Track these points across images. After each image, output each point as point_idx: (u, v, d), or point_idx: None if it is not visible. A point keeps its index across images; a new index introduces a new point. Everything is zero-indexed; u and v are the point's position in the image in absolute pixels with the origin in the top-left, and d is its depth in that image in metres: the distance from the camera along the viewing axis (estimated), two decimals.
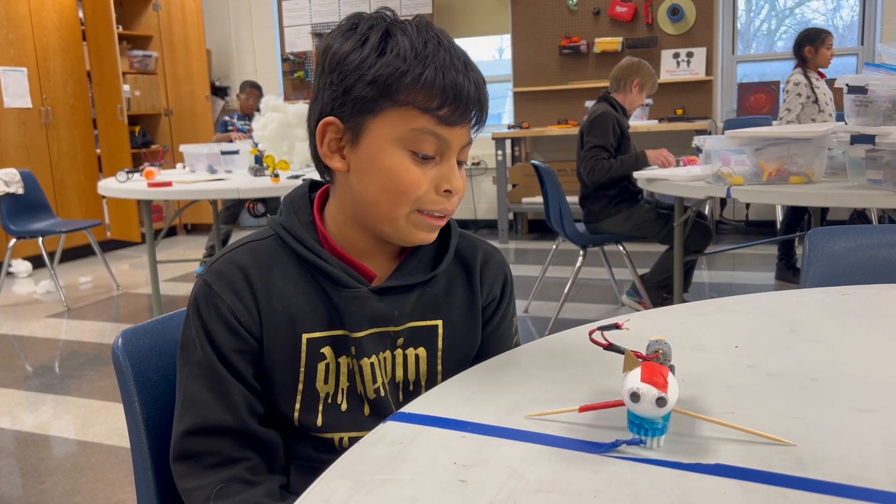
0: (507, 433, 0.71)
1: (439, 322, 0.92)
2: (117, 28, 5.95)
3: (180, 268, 5.37)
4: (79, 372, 3.31)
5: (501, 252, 1.01)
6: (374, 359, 0.89)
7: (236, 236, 6.34)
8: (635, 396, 0.64)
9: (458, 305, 0.94)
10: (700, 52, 5.76)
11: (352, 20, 0.84)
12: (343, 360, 0.88)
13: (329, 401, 0.88)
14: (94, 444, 2.55)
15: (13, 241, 4.55)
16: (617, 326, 0.77)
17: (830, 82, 3.90)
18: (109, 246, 6.07)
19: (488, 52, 6.87)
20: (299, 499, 0.62)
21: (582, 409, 0.72)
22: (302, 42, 6.87)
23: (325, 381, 0.88)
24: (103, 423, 2.73)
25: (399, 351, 0.91)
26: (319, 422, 0.88)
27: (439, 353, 0.93)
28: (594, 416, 0.73)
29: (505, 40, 6.54)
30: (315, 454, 0.89)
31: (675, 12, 5.75)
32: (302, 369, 0.87)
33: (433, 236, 0.89)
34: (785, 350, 0.92)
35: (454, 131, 0.83)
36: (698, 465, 0.63)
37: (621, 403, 0.67)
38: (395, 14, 0.85)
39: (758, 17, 6.03)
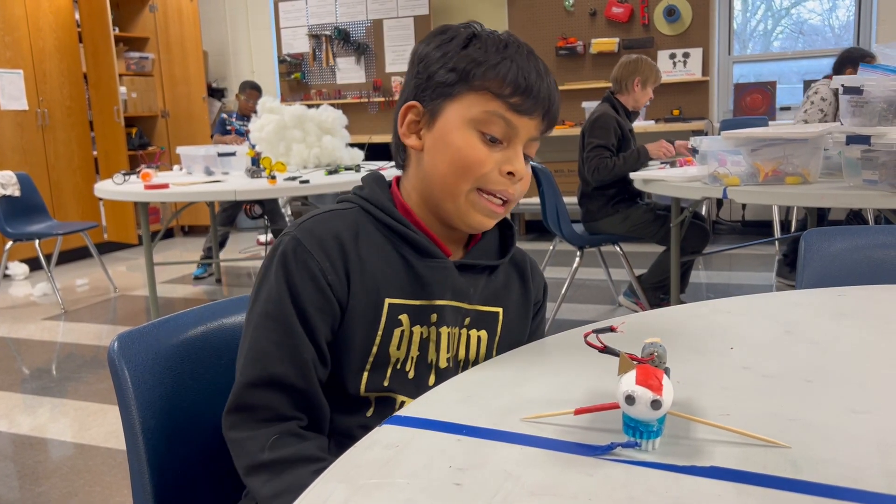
0: (503, 436, 0.71)
1: (500, 309, 0.99)
2: (114, 30, 5.94)
3: (177, 270, 5.37)
4: (76, 374, 3.31)
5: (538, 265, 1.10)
6: (449, 329, 0.94)
7: (234, 238, 6.33)
8: (630, 399, 0.64)
9: (514, 299, 1.02)
10: (696, 53, 5.77)
11: (442, 27, 0.93)
12: (417, 329, 0.91)
13: (398, 366, 0.91)
14: (92, 447, 2.55)
15: (10, 243, 4.55)
16: (612, 329, 0.78)
17: None
18: (106, 248, 6.06)
19: None
20: (295, 502, 0.62)
21: (577, 412, 0.72)
22: (299, 43, 6.87)
23: (398, 347, 0.91)
24: (100, 425, 2.73)
25: (464, 330, 0.96)
26: (387, 382, 0.91)
27: (497, 339, 0.99)
28: (590, 419, 0.73)
29: None
30: (356, 431, 0.87)
31: (671, 13, 5.76)
32: (380, 332, 0.89)
33: (491, 223, 0.94)
34: (780, 352, 0.92)
35: (522, 120, 0.89)
36: (693, 467, 0.64)
37: (617, 406, 0.67)
38: (482, 26, 0.93)
39: (754, 18, 6.04)
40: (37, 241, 4.50)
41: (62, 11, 5.76)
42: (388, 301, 0.89)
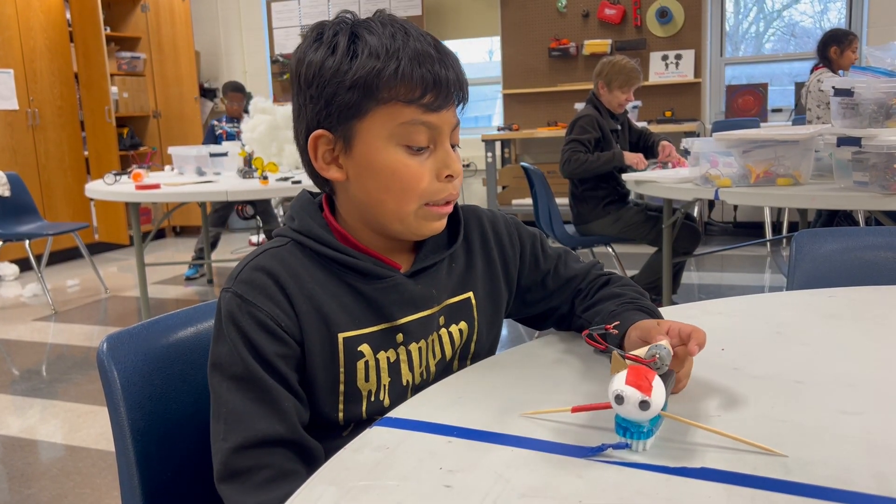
0: (494, 437, 0.71)
1: (470, 294, 0.95)
2: (105, 29, 5.92)
3: (169, 270, 5.35)
4: (66, 376, 3.29)
5: (497, 211, 1.04)
6: (422, 343, 0.90)
7: (226, 239, 6.31)
8: (619, 399, 0.64)
9: (480, 275, 0.97)
10: (688, 55, 5.78)
11: (316, 29, 0.85)
12: (382, 355, 0.87)
13: (372, 398, 0.88)
14: (82, 449, 2.54)
15: (0, 243, 4.52)
16: (605, 330, 0.78)
17: None
18: (97, 249, 6.03)
19: (478, 54, 6.87)
20: None
21: (574, 410, 0.72)
22: (291, 44, 6.84)
23: (367, 380, 0.87)
24: (91, 427, 2.72)
25: (444, 331, 0.92)
26: (364, 414, 0.88)
27: (475, 325, 0.95)
28: (583, 419, 0.73)
29: (495, 42, 6.55)
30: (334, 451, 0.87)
31: (663, 14, 5.77)
32: (341, 369, 0.85)
33: (442, 225, 0.89)
34: (770, 353, 0.92)
35: (441, 115, 0.84)
36: (683, 468, 0.64)
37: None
38: (355, 15, 0.86)
39: (746, 20, 6.06)
40: (27, 242, 4.47)
41: (53, 11, 5.73)
42: (341, 336, 0.85)
